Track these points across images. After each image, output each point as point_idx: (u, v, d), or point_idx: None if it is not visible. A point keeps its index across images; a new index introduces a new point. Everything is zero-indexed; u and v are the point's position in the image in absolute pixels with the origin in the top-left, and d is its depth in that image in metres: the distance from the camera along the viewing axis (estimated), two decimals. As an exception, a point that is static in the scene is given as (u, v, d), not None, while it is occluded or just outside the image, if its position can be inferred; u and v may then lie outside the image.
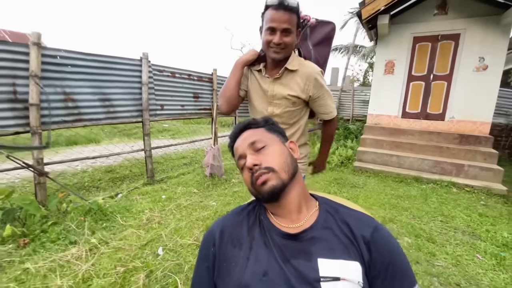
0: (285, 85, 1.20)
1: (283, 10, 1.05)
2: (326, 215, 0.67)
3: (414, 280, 0.60)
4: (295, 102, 1.22)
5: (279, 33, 1.08)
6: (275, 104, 1.24)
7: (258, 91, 1.27)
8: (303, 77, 1.18)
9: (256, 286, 0.57)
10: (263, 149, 0.69)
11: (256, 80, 1.27)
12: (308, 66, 1.19)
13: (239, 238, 0.66)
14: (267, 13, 1.09)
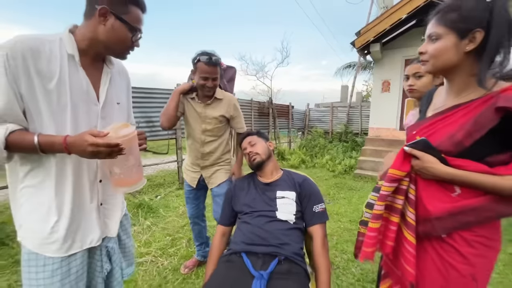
0: (214, 108, 1.70)
1: (213, 66, 1.55)
2: (284, 176, 1.41)
3: (322, 200, 1.31)
4: (221, 121, 1.73)
5: (211, 80, 1.58)
6: (207, 122, 1.71)
7: (193, 113, 1.70)
8: (226, 103, 1.71)
9: (250, 203, 1.32)
10: (255, 145, 1.46)
11: (191, 105, 1.70)
12: (228, 95, 1.75)
13: (243, 186, 1.42)
14: (200, 64, 1.55)
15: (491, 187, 0.74)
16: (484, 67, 0.75)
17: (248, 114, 6.66)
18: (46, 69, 0.77)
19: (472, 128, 0.74)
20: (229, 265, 1.08)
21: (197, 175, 1.83)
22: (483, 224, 0.78)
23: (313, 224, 1.25)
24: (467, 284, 0.79)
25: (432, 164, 0.78)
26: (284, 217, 1.21)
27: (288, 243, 1.12)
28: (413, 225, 0.83)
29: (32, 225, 0.82)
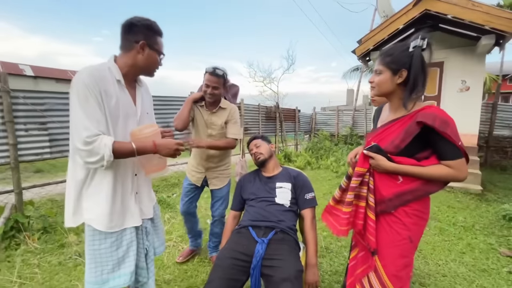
0: (219, 117, 1.95)
1: (215, 76, 1.81)
2: (283, 171, 1.77)
3: (312, 190, 1.66)
4: (224, 127, 1.97)
5: (211, 88, 1.83)
6: (212, 128, 1.95)
7: (201, 120, 1.95)
8: (228, 111, 1.97)
9: (255, 191, 1.68)
10: (259, 147, 1.82)
11: (200, 112, 1.95)
12: (232, 106, 2.01)
13: (250, 179, 1.78)
14: (206, 74, 1.85)
15: (420, 174, 1.08)
16: (407, 94, 1.11)
17: (256, 118, 7.04)
18: (109, 91, 1.10)
19: (404, 135, 1.09)
20: (239, 235, 1.45)
21: (202, 176, 2.04)
22: (417, 200, 1.12)
23: (304, 208, 1.60)
24: (406, 243, 1.12)
25: (382, 162, 1.11)
26: (281, 201, 1.57)
27: (283, 220, 1.48)
28: (373, 206, 1.16)
29: (96, 211, 1.11)
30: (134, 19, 1.16)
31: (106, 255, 1.17)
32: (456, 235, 2.75)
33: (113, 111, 1.12)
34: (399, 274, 1.12)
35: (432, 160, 1.09)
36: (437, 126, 1.01)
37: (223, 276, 1.23)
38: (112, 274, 1.19)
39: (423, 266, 2.17)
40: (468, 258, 2.29)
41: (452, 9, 4.22)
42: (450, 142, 1.03)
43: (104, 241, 1.16)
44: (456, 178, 1.06)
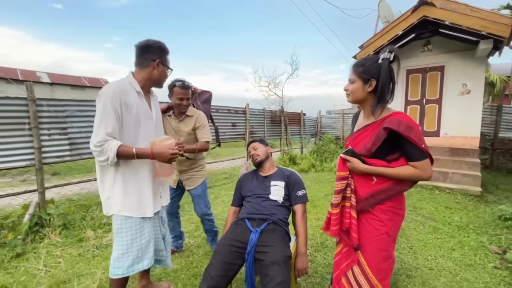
0: (186, 124, 2.10)
1: (186, 89, 2.01)
2: (278, 171, 1.97)
3: (303, 188, 1.85)
4: (191, 133, 2.12)
5: (185, 100, 2.01)
6: (180, 135, 2.10)
7: (169, 128, 2.10)
8: (194, 118, 2.12)
9: (252, 189, 1.88)
10: (257, 149, 2.03)
11: (168, 121, 2.10)
12: (197, 112, 2.15)
13: (249, 178, 1.99)
14: (176, 89, 1.99)
15: (390, 175, 1.23)
16: (375, 102, 1.27)
17: (261, 122, 7.25)
18: (129, 102, 1.38)
19: (374, 140, 1.24)
20: (236, 226, 1.65)
21: (177, 178, 2.21)
22: (390, 199, 1.25)
23: (296, 203, 1.79)
24: (384, 237, 1.25)
25: (357, 164, 1.26)
26: (274, 198, 1.76)
27: (276, 214, 1.67)
28: (355, 206, 1.29)
29: (125, 202, 1.41)
30: (150, 41, 1.45)
31: (132, 243, 1.44)
32: (449, 233, 2.87)
33: (133, 118, 1.40)
34: (380, 266, 1.25)
35: (401, 162, 1.23)
36: (402, 130, 1.15)
37: (221, 259, 1.44)
38: (136, 260, 1.47)
39: (412, 261, 2.31)
40: (456, 254, 2.42)
41: (449, 16, 4.34)
42: (414, 145, 1.16)
43: (133, 228, 1.44)
44: (421, 177, 1.19)
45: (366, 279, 1.27)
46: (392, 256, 1.29)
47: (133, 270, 1.46)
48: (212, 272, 1.39)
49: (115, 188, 1.40)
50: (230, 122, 6.14)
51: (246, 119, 6.51)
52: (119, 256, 1.44)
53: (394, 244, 1.31)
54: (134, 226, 1.44)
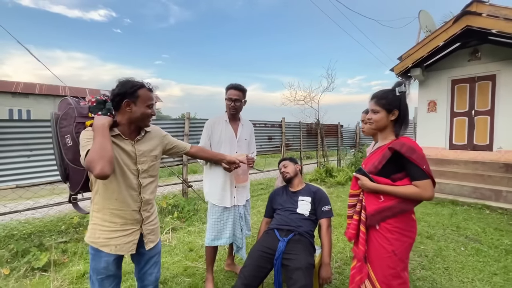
0: (146, 144, 1.42)
1: (152, 92, 1.38)
2: (305, 187, 2.18)
3: (329, 203, 2.04)
4: (156, 156, 1.47)
5: (152, 108, 1.38)
6: (141, 162, 1.39)
7: (122, 154, 1.33)
8: (155, 134, 1.51)
9: (282, 203, 2.12)
10: (287, 167, 2.27)
11: (117, 145, 1.31)
12: (154, 126, 1.52)
13: (279, 193, 2.24)
14: (143, 91, 1.32)
15: (393, 192, 1.36)
16: (398, 127, 1.44)
17: (297, 135, 7.43)
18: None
19: (381, 158, 1.40)
20: (267, 235, 1.91)
21: (135, 237, 1.39)
22: (395, 217, 1.34)
23: (321, 218, 1.98)
24: (391, 256, 1.33)
25: (365, 181, 1.42)
26: (301, 211, 1.98)
27: (301, 226, 1.89)
28: (364, 221, 1.43)
29: (213, 193, 2.13)
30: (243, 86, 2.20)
31: (216, 223, 2.14)
32: (494, 257, 2.71)
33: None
34: (389, 283, 1.34)
35: (405, 181, 1.34)
36: (404, 151, 1.30)
37: (253, 263, 1.70)
38: (218, 236, 2.14)
39: (445, 281, 2.28)
40: (498, 279, 2.31)
41: (496, 24, 4.10)
42: (416, 165, 1.29)
43: (217, 213, 2.14)
44: (422, 196, 1.30)
45: None
46: (402, 277, 1.36)
47: (214, 243, 2.13)
48: (246, 272, 1.67)
49: (206, 184, 2.23)
50: (267, 136, 6.46)
51: (282, 132, 6.77)
52: (208, 232, 2.15)
53: (402, 265, 1.36)
54: (217, 212, 2.14)
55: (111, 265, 1.35)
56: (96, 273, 1.36)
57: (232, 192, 2.17)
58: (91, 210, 1.38)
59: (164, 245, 3.09)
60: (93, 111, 1.37)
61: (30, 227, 3.71)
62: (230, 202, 2.14)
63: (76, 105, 1.37)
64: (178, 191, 5.24)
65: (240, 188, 2.22)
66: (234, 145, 2.20)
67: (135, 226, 1.39)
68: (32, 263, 2.59)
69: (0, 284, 2.29)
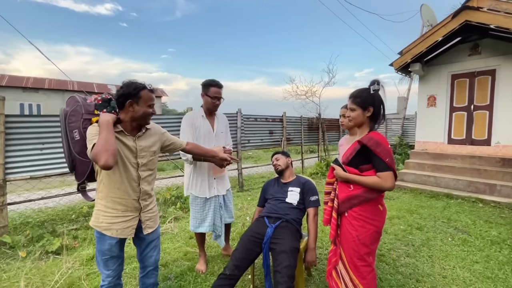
0: (146, 140, 1.57)
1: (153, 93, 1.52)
2: (295, 179, 2.34)
3: (316, 194, 2.19)
4: (155, 152, 1.61)
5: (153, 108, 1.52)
6: (141, 156, 1.53)
7: (124, 148, 1.47)
8: (155, 131, 1.64)
9: (273, 193, 2.28)
10: (279, 160, 2.42)
11: (120, 140, 1.46)
12: (154, 124, 1.67)
13: (271, 184, 2.40)
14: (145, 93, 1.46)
15: (359, 181, 1.51)
16: (373, 123, 1.58)
17: (298, 129, 7.54)
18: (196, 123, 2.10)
19: (352, 151, 1.55)
20: (257, 221, 2.08)
21: (134, 222, 1.54)
22: (361, 205, 1.50)
23: (309, 207, 2.14)
24: (355, 240, 1.50)
25: (339, 171, 1.60)
26: (290, 201, 2.14)
27: (289, 214, 2.05)
28: (336, 208, 1.62)
29: (194, 186, 2.30)
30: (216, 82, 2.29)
31: (198, 213, 2.34)
32: (479, 247, 2.84)
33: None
34: (356, 264, 1.51)
35: (371, 172, 1.50)
36: (370, 145, 1.44)
37: (244, 245, 1.88)
38: (200, 224, 2.35)
39: (427, 268, 2.42)
40: (478, 267, 2.44)
41: (495, 19, 4.11)
42: (380, 158, 1.43)
43: (198, 204, 2.33)
44: (383, 186, 1.44)
45: (347, 273, 1.56)
46: (366, 260, 1.51)
47: (197, 230, 2.36)
48: (237, 255, 1.85)
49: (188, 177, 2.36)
50: (268, 130, 6.60)
51: (283, 126, 6.89)
52: (191, 221, 2.39)
53: (366, 249, 1.50)
54: (201, 202, 2.33)
55: (114, 247, 1.51)
56: (101, 254, 1.52)
57: (212, 183, 2.35)
58: (96, 197, 1.53)
59: (167, 233, 3.31)
60: (99, 108, 1.54)
61: (43, 215, 3.97)
62: (210, 193, 2.32)
63: (83, 102, 1.53)
64: (181, 183, 5.44)
65: (219, 179, 2.39)
66: (212, 139, 2.34)
67: (134, 213, 1.54)
68: (46, 247, 2.83)
69: (18, 265, 2.53)
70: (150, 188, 1.63)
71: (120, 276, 1.65)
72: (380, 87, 1.57)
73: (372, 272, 1.54)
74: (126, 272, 2.36)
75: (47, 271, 2.40)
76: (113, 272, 1.57)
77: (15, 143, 3.25)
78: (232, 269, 1.77)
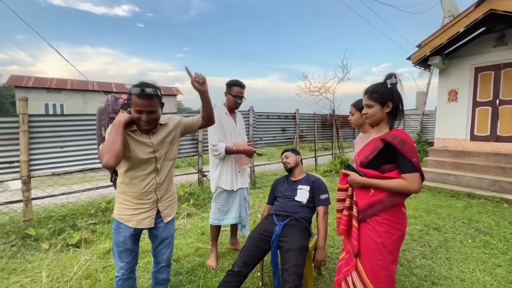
0: (161, 134, 1.57)
1: (145, 99, 1.37)
2: (305, 177, 2.31)
3: (326, 192, 2.15)
4: (171, 141, 1.61)
5: (145, 114, 1.39)
6: (158, 150, 1.54)
7: (141, 146, 1.48)
8: (172, 124, 1.62)
9: (283, 191, 2.27)
10: (288, 157, 2.40)
11: (134, 138, 1.47)
12: (172, 116, 1.68)
13: (281, 182, 2.38)
14: (132, 97, 1.38)
15: (381, 186, 1.38)
16: (392, 119, 1.48)
17: (312, 126, 7.44)
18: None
19: (373, 149, 1.43)
20: (266, 219, 2.08)
21: (153, 213, 1.59)
22: (386, 211, 1.34)
23: (318, 205, 2.11)
24: (380, 248, 1.34)
25: (354, 177, 1.42)
26: (299, 199, 2.12)
27: (298, 212, 2.03)
28: (356, 216, 1.42)
29: (224, 179, 2.41)
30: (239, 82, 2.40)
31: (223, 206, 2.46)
32: (502, 250, 2.69)
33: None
34: (377, 274, 1.35)
35: (394, 173, 1.35)
36: (395, 143, 1.30)
37: (252, 243, 1.89)
38: (224, 216, 2.46)
39: (444, 270, 2.33)
40: (500, 271, 2.31)
41: (523, 7, 3.83)
42: (406, 157, 1.29)
43: (222, 197, 2.45)
44: (409, 189, 1.31)
45: (362, 284, 1.38)
46: (390, 269, 1.37)
47: (220, 223, 2.45)
48: (245, 252, 1.85)
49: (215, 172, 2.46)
50: (280, 127, 6.56)
51: (296, 123, 6.82)
52: (214, 214, 2.45)
53: (391, 257, 1.37)
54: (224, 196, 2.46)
55: (128, 240, 1.56)
56: (116, 246, 1.59)
57: (237, 176, 2.48)
58: (117, 191, 1.59)
59: (180, 228, 3.38)
60: (125, 108, 1.61)
61: (65, 210, 4.17)
62: (236, 186, 2.47)
63: (112, 102, 1.65)
64: (194, 180, 5.54)
65: (242, 171, 2.55)
66: (236, 135, 2.52)
67: (152, 205, 1.58)
68: (67, 240, 2.98)
69: (41, 257, 2.67)
70: (167, 177, 1.63)
71: (134, 270, 1.70)
72: (398, 81, 1.45)
73: (393, 283, 1.41)
74: (140, 266, 2.43)
75: (67, 263, 2.53)
76: (127, 265, 1.62)
77: (38, 141, 3.43)
78: (240, 266, 1.78)
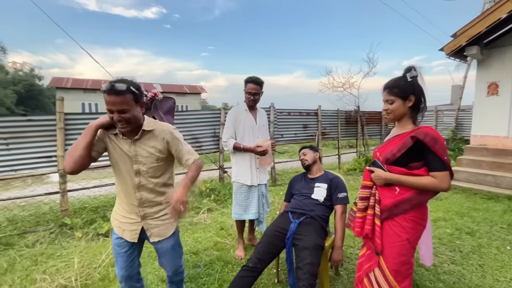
0: (146, 144, 1.36)
1: (114, 95, 1.20)
2: (323, 174, 2.25)
3: (345, 190, 2.09)
4: (158, 158, 1.40)
5: (116, 113, 1.23)
6: (139, 162, 1.37)
7: (119, 153, 1.36)
8: (160, 134, 1.39)
9: (299, 188, 2.24)
10: (306, 155, 2.36)
11: (115, 143, 1.36)
12: (162, 124, 1.43)
13: (298, 179, 2.35)
14: (104, 95, 1.23)
15: (409, 182, 1.33)
16: (415, 114, 1.42)
17: (335, 123, 7.24)
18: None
19: (401, 146, 1.36)
20: (281, 216, 2.07)
21: (137, 227, 1.45)
22: (414, 208, 1.32)
23: (336, 204, 2.06)
24: (405, 244, 1.33)
25: (379, 173, 1.38)
26: (316, 197, 2.08)
27: (314, 210, 1.99)
28: (379, 215, 1.39)
29: (242, 174, 2.49)
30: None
31: (243, 201, 2.51)
32: (546, 258, 2.42)
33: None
34: (399, 269, 1.34)
35: (423, 171, 1.32)
36: (427, 141, 1.26)
37: (267, 240, 1.89)
38: (245, 211, 2.51)
39: (476, 278, 2.15)
40: (543, 282, 2.09)
41: None
42: (437, 155, 1.26)
43: (244, 192, 2.51)
44: (439, 187, 1.28)
45: (386, 281, 1.37)
46: (410, 262, 1.37)
47: (241, 217, 2.52)
48: (260, 248, 1.86)
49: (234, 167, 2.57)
50: (302, 124, 6.46)
51: (318, 120, 6.68)
52: (235, 209, 2.54)
53: (413, 251, 1.38)
54: (244, 191, 2.51)
55: (116, 246, 1.47)
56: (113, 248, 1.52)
57: (255, 172, 2.53)
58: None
59: (200, 223, 3.48)
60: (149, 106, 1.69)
61: (97, 202, 4.48)
62: (254, 181, 2.50)
63: None
64: (216, 176, 5.65)
65: (261, 168, 2.58)
66: (255, 131, 2.54)
67: (138, 219, 1.45)
68: (97, 230, 3.20)
69: (75, 244, 2.90)
70: (153, 196, 1.44)
71: (135, 279, 1.56)
72: (418, 74, 1.39)
73: (411, 274, 1.40)
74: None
75: (97, 251, 2.72)
76: (122, 271, 1.48)
77: (73, 138, 3.70)
78: (255, 262, 1.79)
